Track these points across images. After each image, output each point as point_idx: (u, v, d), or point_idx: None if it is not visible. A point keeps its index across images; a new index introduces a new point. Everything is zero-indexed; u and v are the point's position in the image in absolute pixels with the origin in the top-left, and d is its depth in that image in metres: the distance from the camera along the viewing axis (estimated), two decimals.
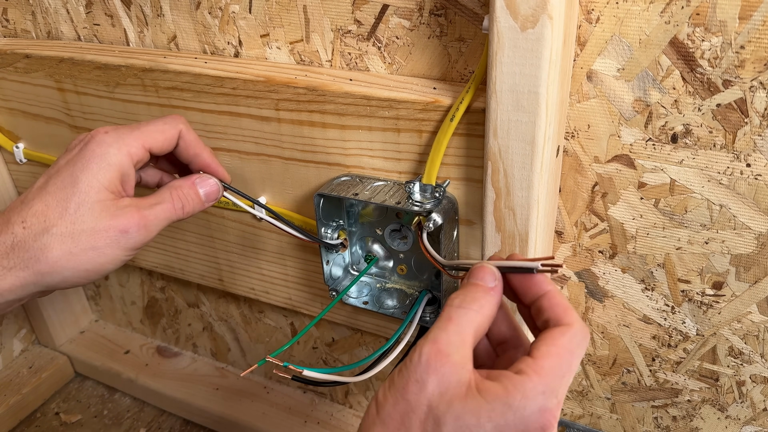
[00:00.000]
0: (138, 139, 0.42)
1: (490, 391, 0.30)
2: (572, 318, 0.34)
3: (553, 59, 0.37)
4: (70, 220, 0.39)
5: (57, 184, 0.40)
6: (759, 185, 0.41)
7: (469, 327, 0.33)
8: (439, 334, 0.32)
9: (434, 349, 0.32)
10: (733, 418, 0.51)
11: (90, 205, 0.39)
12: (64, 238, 0.38)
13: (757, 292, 0.45)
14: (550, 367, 0.31)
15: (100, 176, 0.40)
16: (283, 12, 0.50)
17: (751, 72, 0.38)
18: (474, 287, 0.35)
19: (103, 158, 0.40)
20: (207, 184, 0.45)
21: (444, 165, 0.46)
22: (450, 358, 0.31)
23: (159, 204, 0.42)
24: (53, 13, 0.63)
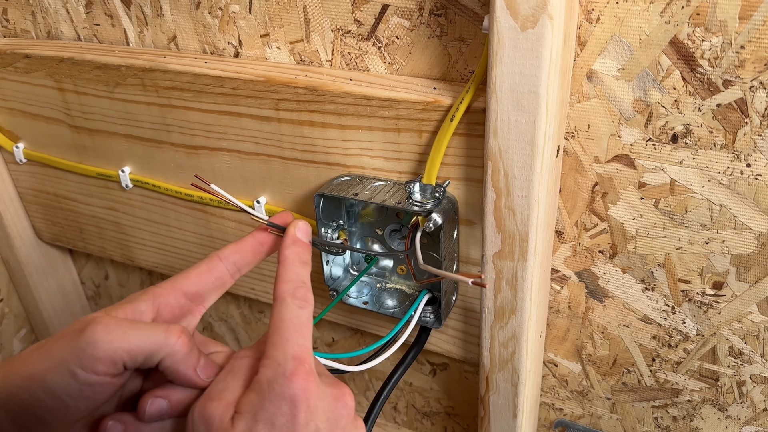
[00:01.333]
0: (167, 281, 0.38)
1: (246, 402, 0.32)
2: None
3: (554, 59, 0.37)
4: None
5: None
6: (759, 185, 0.41)
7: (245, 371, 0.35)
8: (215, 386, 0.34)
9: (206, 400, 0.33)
10: (733, 418, 0.51)
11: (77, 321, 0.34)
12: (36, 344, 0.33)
13: (757, 292, 0.45)
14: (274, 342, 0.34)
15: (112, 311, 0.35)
16: (283, 12, 0.50)
17: (752, 72, 0.38)
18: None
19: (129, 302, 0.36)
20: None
21: (444, 165, 0.46)
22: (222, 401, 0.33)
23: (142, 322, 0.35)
24: (53, 13, 0.63)
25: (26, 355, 0.33)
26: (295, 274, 0.38)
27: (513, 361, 0.49)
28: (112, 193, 0.67)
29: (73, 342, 0.31)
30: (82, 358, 0.31)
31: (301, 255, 0.39)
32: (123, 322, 0.33)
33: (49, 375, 0.31)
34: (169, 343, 0.33)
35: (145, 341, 0.33)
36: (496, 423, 0.54)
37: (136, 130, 0.60)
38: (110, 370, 0.32)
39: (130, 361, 0.32)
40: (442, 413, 0.67)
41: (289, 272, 0.38)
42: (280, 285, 0.37)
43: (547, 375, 0.58)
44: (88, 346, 0.31)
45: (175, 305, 0.37)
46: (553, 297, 0.53)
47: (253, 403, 0.31)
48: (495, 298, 0.46)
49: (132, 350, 0.32)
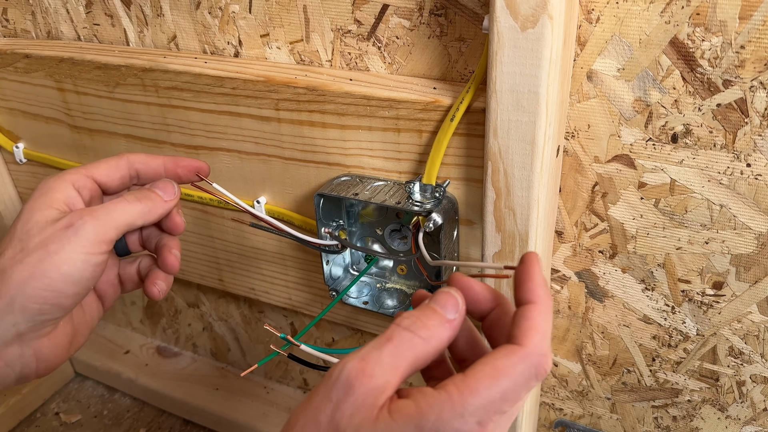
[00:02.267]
0: (78, 169, 0.41)
1: (401, 412, 0.27)
2: (529, 339, 0.29)
3: (554, 59, 0.37)
4: (17, 239, 0.37)
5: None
6: (759, 185, 0.41)
7: (408, 353, 0.29)
8: (371, 352, 0.29)
9: (358, 367, 0.28)
10: (733, 418, 0.51)
11: (35, 220, 0.38)
12: (15, 254, 0.37)
13: (757, 292, 0.45)
14: (478, 387, 0.27)
15: (40, 201, 0.39)
16: (283, 12, 0.50)
17: (752, 72, 0.38)
18: (431, 312, 0.30)
19: (42, 187, 0.40)
20: (163, 185, 0.43)
21: (444, 165, 0.46)
22: (373, 380, 0.28)
23: (114, 200, 0.40)
24: (53, 12, 0.63)
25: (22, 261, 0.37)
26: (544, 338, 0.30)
27: None
28: None
29: (72, 237, 0.37)
30: (87, 246, 0.37)
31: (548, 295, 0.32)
32: (99, 208, 0.39)
33: (64, 269, 0.37)
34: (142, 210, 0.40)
35: (126, 214, 0.40)
36: None
37: (136, 130, 0.60)
38: (109, 246, 0.39)
39: (120, 233, 0.40)
40: None
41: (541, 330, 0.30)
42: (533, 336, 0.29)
43: (547, 375, 0.58)
44: (89, 234, 0.37)
45: (90, 188, 0.42)
46: (553, 297, 0.53)
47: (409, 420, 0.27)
48: None
49: (119, 226, 0.39)
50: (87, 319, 0.43)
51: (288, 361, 0.75)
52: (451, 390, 0.27)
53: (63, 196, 0.39)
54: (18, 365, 0.38)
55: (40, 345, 0.39)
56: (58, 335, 0.40)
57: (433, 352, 0.30)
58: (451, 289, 0.32)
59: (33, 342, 0.38)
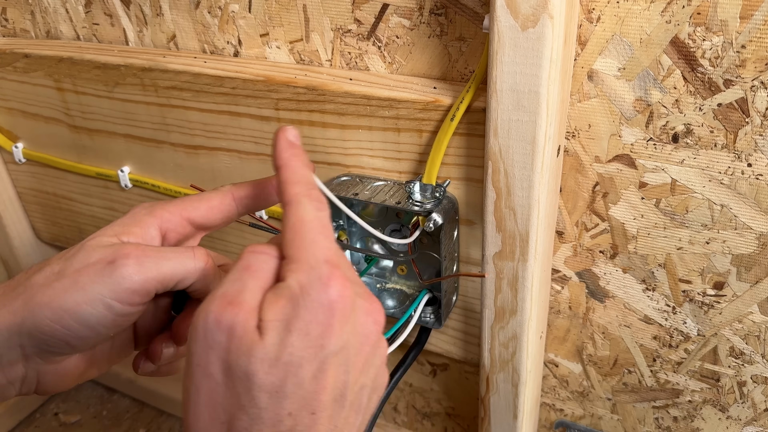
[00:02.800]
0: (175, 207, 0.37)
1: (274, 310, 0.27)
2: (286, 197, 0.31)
3: (554, 59, 0.37)
4: (65, 258, 0.34)
5: None
6: (760, 185, 0.41)
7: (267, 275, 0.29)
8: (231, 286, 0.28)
9: (223, 303, 0.27)
10: (734, 419, 0.51)
11: (90, 246, 0.33)
12: (52, 273, 0.33)
13: (758, 292, 0.45)
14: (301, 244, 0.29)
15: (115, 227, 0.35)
16: (282, 11, 0.50)
17: (752, 71, 0.38)
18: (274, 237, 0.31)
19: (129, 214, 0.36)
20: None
21: (444, 165, 0.46)
22: (244, 306, 0.27)
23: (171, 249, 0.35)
24: (52, 12, 0.63)
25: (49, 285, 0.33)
26: (303, 176, 0.32)
27: (513, 362, 0.49)
28: (112, 193, 0.67)
29: (106, 276, 0.32)
30: (118, 292, 0.32)
31: (302, 157, 0.34)
32: (152, 252, 0.33)
33: (83, 308, 0.32)
34: (198, 268, 0.34)
35: (176, 269, 0.33)
36: (497, 423, 0.53)
37: (136, 130, 0.60)
38: (144, 299, 0.33)
39: (162, 288, 0.33)
40: (443, 414, 0.67)
41: (296, 174, 0.33)
42: (290, 187, 0.32)
43: (548, 375, 0.58)
44: (124, 280, 0.32)
45: (180, 231, 0.36)
46: (553, 297, 0.53)
47: (285, 310, 0.27)
48: (495, 299, 0.46)
49: (165, 279, 0.33)
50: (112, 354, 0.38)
51: None
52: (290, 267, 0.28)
53: (141, 232, 0.35)
54: (19, 383, 0.35)
55: (45, 371, 0.35)
56: (67, 367, 0.36)
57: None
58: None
59: (38, 367, 0.35)
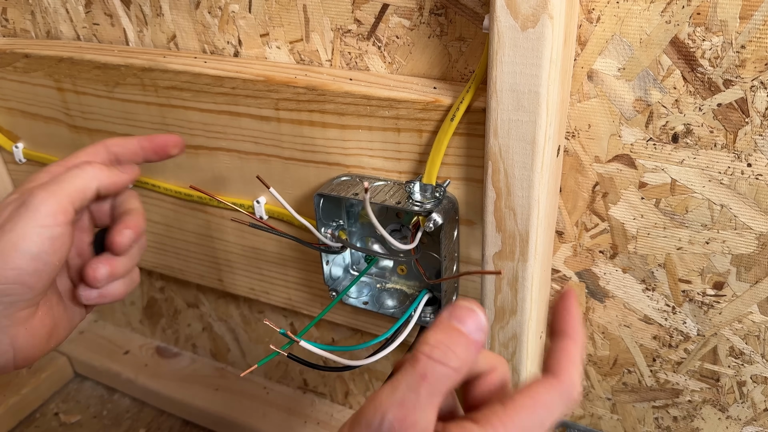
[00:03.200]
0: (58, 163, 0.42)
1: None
2: (565, 373, 0.29)
3: (554, 59, 0.37)
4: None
5: None
6: (760, 185, 0.41)
7: (443, 387, 0.28)
8: (408, 395, 0.27)
9: (400, 416, 0.27)
10: (733, 419, 0.51)
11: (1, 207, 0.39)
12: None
13: (758, 292, 0.45)
14: (520, 418, 0.28)
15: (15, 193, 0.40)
16: (282, 11, 0.50)
17: (752, 71, 0.38)
18: (457, 335, 0.29)
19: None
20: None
21: (444, 165, 0.46)
22: (417, 426, 0.27)
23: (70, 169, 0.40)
24: (52, 12, 0.63)
25: None
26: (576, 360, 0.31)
27: (513, 362, 0.49)
28: None
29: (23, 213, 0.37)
30: (40, 218, 0.37)
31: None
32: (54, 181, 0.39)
33: (20, 244, 0.36)
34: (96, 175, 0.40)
35: (78, 183, 0.39)
36: None
37: (136, 130, 0.60)
38: (67, 217, 0.38)
39: (78, 203, 0.39)
40: None
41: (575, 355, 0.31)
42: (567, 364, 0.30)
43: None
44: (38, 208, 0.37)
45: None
46: (553, 297, 0.53)
47: None
48: (495, 299, 0.46)
49: (71, 194, 0.39)
50: (68, 314, 0.43)
51: (288, 362, 0.75)
52: (495, 423, 0.27)
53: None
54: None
55: (16, 333, 0.38)
56: (35, 326, 0.39)
57: (462, 378, 0.29)
58: (472, 304, 0.30)
59: (8, 330, 0.38)
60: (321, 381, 0.75)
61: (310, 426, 0.72)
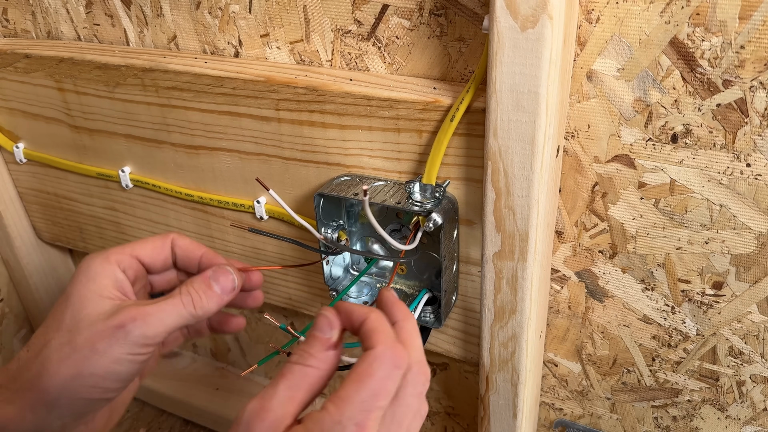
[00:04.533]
0: (123, 249, 0.42)
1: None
2: (375, 341, 0.33)
3: (553, 59, 0.37)
4: (66, 328, 0.38)
5: (54, 308, 0.40)
6: (759, 185, 0.41)
7: (302, 383, 0.33)
8: (267, 390, 0.33)
9: (258, 405, 0.32)
10: (733, 418, 0.51)
11: (86, 312, 0.38)
12: (62, 347, 0.37)
13: (757, 292, 0.45)
14: (346, 395, 0.31)
15: (90, 285, 0.39)
16: (283, 12, 0.50)
17: (751, 72, 0.38)
18: (313, 340, 0.35)
19: (89, 269, 0.40)
20: (221, 275, 0.42)
21: (444, 165, 0.46)
22: (271, 414, 0.31)
23: (165, 300, 0.40)
24: (53, 13, 0.63)
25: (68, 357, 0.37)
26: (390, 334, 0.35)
27: (513, 361, 0.49)
28: (112, 193, 0.67)
29: (121, 339, 0.37)
30: (137, 347, 0.38)
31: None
32: (151, 309, 0.38)
33: (113, 368, 0.37)
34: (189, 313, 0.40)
35: (174, 319, 0.39)
36: (496, 423, 0.54)
37: (136, 130, 0.60)
38: (157, 343, 0.39)
39: (168, 334, 0.40)
40: (442, 413, 0.67)
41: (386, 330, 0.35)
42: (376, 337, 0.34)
43: (547, 375, 0.58)
44: (138, 338, 0.38)
45: (134, 269, 0.43)
46: (553, 297, 0.53)
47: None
48: (495, 298, 0.47)
49: (167, 329, 0.39)
50: (124, 398, 0.44)
51: None
52: (328, 406, 0.32)
53: (112, 282, 0.40)
54: None
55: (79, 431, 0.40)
56: (96, 420, 0.41)
57: (326, 374, 0.34)
58: (325, 311, 0.36)
59: (73, 430, 0.39)
60: None
61: None
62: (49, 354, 0.37)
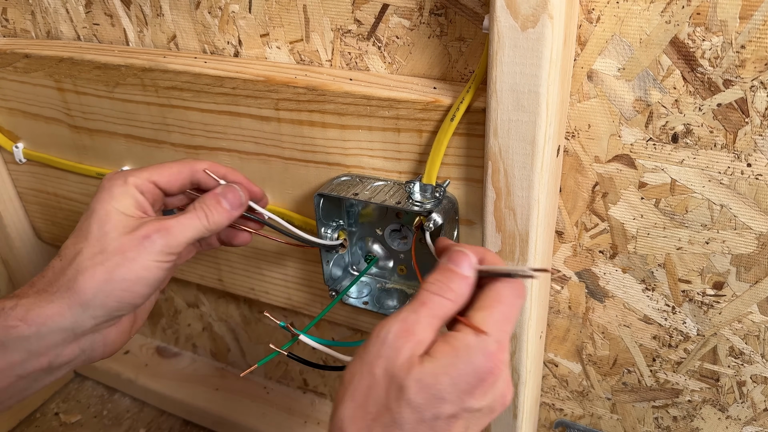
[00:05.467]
0: (141, 173, 0.45)
1: (441, 351, 0.33)
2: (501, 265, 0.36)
3: (554, 59, 0.37)
4: (95, 239, 0.42)
5: (80, 222, 0.44)
6: (760, 185, 0.41)
7: (439, 312, 0.35)
8: (410, 315, 0.34)
9: (402, 328, 0.34)
10: (733, 419, 0.51)
11: (112, 225, 0.42)
12: (95, 255, 0.41)
13: (757, 292, 0.45)
14: (492, 315, 0.34)
15: (114, 203, 0.43)
16: (282, 11, 0.50)
17: (752, 72, 0.38)
18: (451, 273, 0.36)
19: (112, 189, 0.44)
20: (229, 192, 0.46)
21: (444, 165, 0.46)
22: (415, 337, 0.33)
23: (182, 215, 0.44)
24: (53, 12, 0.63)
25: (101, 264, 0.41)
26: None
27: (513, 361, 0.49)
28: None
29: (149, 247, 0.42)
30: (163, 254, 0.42)
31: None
32: (172, 223, 0.43)
33: (143, 274, 0.42)
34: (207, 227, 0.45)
35: (194, 232, 0.44)
36: (496, 423, 0.54)
37: (136, 130, 0.60)
38: (180, 251, 0.44)
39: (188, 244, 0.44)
40: None
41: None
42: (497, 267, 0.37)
43: (548, 375, 0.58)
44: (164, 247, 0.42)
45: (152, 193, 0.46)
46: (553, 297, 0.53)
47: (448, 356, 0.33)
48: None
49: (188, 240, 0.44)
50: (147, 305, 0.48)
51: (288, 361, 0.75)
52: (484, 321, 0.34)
53: (133, 202, 0.44)
54: (89, 350, 0.43)
55: (109, 332, 0.44)
56: (123, 322, 0.45)
57: (458, 308, 0.36)
58: (465, 247, 0.37)
59: (104, 330, 0.44)
60: (321, 381, 0.75)
61: (310, 426, 0.73)
62: (83, 261, 0.41)
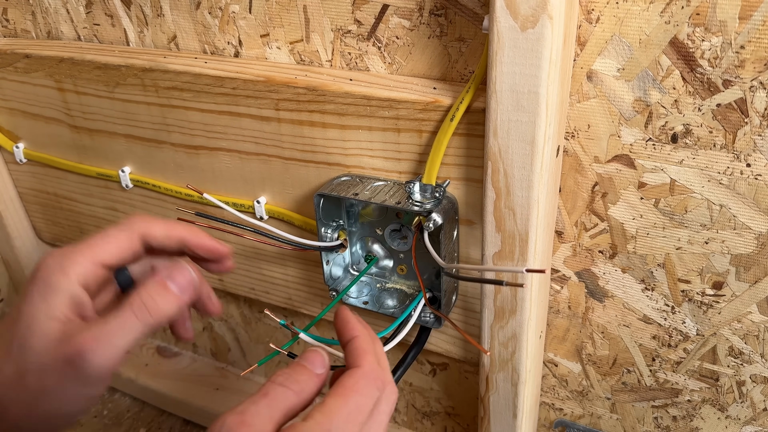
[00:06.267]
0: (84, 256, 0.37)
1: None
2: (364, 361, 0.36)
3: (553, 59, 0.37)
4: (14, 360, 0.35)
5: (6, 322, 0.36)
6: (759, 185, 0.41)
7: (281, 405, 0.34)
8: (249, 407, 0.33)
9: (238, 420, 0.32)
10: (733, 418, 0.51)
11: (36, 338, 0.34)
12: (14, 383, 0.35)
13: (757, 292, 0.45)
14: (333, 405, 0.33)
15: (43, 306, 0.35)
16: (283, 12, 0.50)
17: (751, 72, 0.38)
18: (301, 369, 0.36)
19: (48, 281, 0.36)
20: (176, 272, 0.38)
21: (444, 165, 0.46)
22: (252, 428, 0.32)
23: (116, 318, 0.35)
24: (53, 13, 0.63)
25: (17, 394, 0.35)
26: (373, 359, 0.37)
27: (513, 361, 0.49)
28: (113, 193, 0.67)
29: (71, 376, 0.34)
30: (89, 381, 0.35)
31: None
32: (100, 333, 0.34)
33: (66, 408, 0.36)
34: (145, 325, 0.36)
35: (128, 339, 0.35)
36: (496, 423, 0.54)
37: (136, 130, 0.60)
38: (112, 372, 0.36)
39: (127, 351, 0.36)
40: (442, 413, 0.67)
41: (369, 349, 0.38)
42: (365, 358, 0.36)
43: (547, 375, 0.58)
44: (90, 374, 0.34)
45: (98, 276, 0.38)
46: (553, 297, 0.53)
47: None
48: (495, 298, 0.47)
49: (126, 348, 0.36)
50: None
51: (288, 361, 0.75)
52: (316, 416, 0.33)
53: (67, 300, 0.36)
54: None
55: None
56: None
57: (304, 402, 0.35)
58: (319, 348, 0.38)
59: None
60: None
61: None
62: (3, 384, 0.35)
